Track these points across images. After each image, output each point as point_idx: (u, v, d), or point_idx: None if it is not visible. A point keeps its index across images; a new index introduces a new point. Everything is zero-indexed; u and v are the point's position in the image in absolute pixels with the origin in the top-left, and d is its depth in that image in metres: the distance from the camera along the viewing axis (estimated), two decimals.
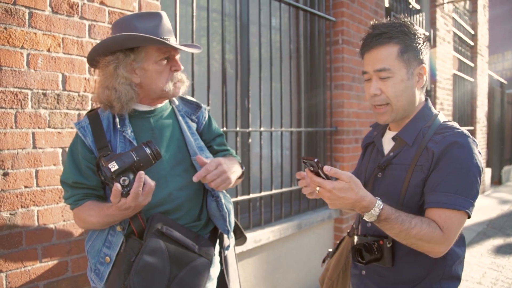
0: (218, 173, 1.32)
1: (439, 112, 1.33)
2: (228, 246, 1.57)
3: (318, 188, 1.11)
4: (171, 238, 1.30)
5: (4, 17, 1.56)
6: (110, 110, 1.36)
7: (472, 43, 7.71)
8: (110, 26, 1.90)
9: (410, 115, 1.32)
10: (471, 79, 7.66)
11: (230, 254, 1.60)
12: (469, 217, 1.17)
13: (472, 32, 7.72)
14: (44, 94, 1.70)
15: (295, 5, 3.16)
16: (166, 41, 1.31)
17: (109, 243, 1.34)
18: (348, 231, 1.52)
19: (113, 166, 1.15)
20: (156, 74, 1.35)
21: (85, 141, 1.34)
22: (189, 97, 1.61)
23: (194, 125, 1.54)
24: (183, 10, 2.50)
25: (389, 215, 1.12)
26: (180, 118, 1.50)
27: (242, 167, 1.53)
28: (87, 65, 1.83)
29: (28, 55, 1.64)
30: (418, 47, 1.26)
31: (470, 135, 1.22)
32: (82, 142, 1.34)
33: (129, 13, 1.97)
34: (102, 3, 1.87)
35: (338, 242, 1.60)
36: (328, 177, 1.11)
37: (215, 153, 1.58)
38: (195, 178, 1.31)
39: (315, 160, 1.09)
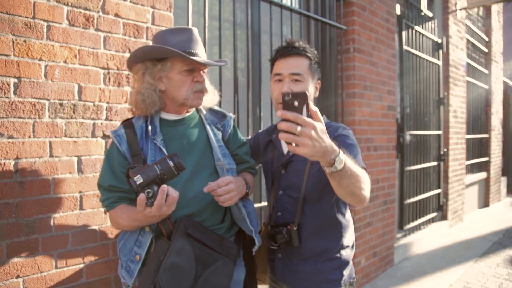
0: (227, 189, 1.41)
1: (323, 115, 1.57)
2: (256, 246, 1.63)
3: (299, 128, 0.97)
4: (196, 239, 1.39)
5: (23, 31, 1.62)
6: (137, 113, 1.50)
7: (486, 50, 7.62)
8: (124, 37, 1.95)
9: None
10: (486, 86, 7.57)
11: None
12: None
13: (486, 39, 7.64)
14: (61, 104, 1.74)
15: (306, 14, 3.19)
16: (187, 54, 1.41)
17: (140, 242, 1.46)
18: (264, 221, 1.73)
19: (138, 179, 1.24)
20: (179, 83, 1.46)
21: (120, 148, 1.45)
22: (217, 108, 1.70)
23: (219, 133, 1.64)
24: (195, 20, 2.55)
25: (348, 156, 1.22)
26: (207, 126, 1.60)
27: (247, 188, 1.57)
28: (102, 76, 1.88)
29: (46, 66, 1.69)
30: (316, 66, 1.61)
31: (346, 126, 1.58)
32: (117, 149, 1.46)
33: (143, 24, 2.02)
34: (117, 15, 1.92)
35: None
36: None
37: (239, 162, 1.68)
38: (205, 189, 1.40)
39: (306, 92, 0.97)
